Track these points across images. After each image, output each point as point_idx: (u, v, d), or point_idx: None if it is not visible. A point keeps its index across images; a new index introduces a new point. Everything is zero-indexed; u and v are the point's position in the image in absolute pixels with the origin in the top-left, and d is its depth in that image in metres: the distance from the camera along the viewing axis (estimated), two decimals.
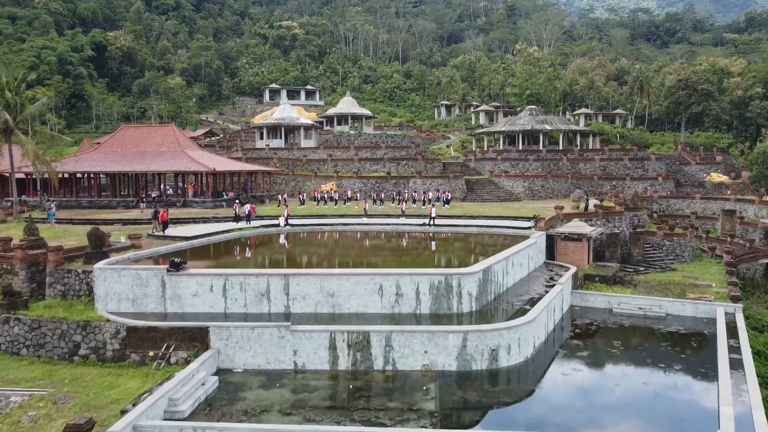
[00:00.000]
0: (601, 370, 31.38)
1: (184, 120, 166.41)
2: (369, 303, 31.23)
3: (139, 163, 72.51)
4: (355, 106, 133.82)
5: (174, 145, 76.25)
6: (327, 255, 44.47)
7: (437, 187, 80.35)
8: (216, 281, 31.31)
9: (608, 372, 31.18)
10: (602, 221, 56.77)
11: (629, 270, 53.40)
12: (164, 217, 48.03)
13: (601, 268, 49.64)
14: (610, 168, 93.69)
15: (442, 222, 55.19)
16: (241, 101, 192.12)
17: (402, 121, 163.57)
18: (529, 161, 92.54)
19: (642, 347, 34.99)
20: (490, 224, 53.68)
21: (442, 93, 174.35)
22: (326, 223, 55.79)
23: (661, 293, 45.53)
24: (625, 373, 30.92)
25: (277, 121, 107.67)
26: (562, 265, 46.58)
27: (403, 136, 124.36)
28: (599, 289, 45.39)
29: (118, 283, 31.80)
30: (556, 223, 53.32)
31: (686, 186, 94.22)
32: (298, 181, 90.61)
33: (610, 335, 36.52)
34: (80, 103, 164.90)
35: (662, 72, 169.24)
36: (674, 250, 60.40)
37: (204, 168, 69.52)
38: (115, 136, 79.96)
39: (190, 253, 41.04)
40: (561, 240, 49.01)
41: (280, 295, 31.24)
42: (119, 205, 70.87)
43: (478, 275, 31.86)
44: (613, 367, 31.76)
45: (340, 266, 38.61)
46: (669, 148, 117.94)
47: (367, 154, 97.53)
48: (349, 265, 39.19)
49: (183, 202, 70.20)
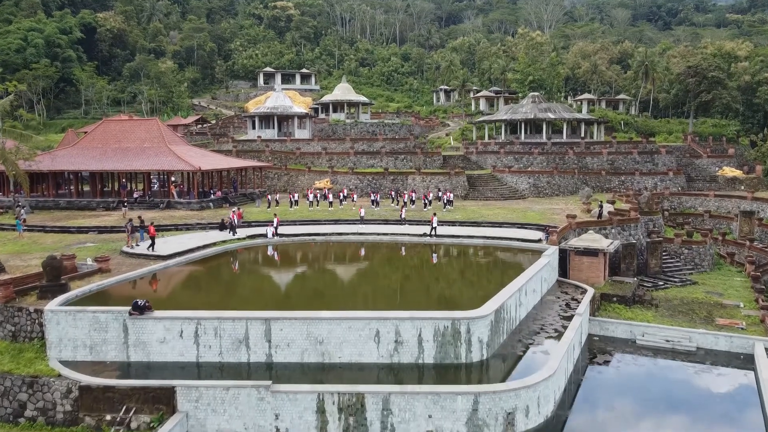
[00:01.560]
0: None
1: (175, 105, 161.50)
2: (364, 351, 27.01)
3: (121, 160, 67.92)
4: (351, 92, 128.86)
5: (158, 140, 71.66)
6: (316, 278, 39.64)
7: (437, 185, 75.98)
8: (186, 326, 27.04)
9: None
10: (617, 230, 52.49)
11: (647, 285, 49.28)
12: (152, 233, 43.41)
13: (618, 285, 45.44)
14: (618, 162, 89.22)
15: (444, 231, 50.79)
16: (234, 85, 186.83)
17: (400, 107, 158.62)
18: (533, 155, 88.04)
19: (673, 397, 30.87)
20: (497, 235, 49.23)
21: (441, 77, 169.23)
22: (318, 233, 51.23)
23: (686, 316, 41.50)
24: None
25: (270, 110, 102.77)
26: (577, 285, 42.34)
27: (401, 125, 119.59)
28: (618, 312, 41.26)
29: (73, 327, 27.49)
30: (568, 233, 49.06)
31: (698, 181, 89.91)
32: (291, 176, 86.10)
33: (635, 382, 32.42)
34: (69, 88, 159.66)
35: (666, 55, 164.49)
36: (693, 259, 56.27)
37: (189, 167, 64.97)
38: (96, 130, 75.28)
39: (163, 278, 36.75)
40: (575, 255, 44.77)
41: (261, 342, 27.00)
42: (99, 206, 66.41)
43: (489, 318, 27.61)
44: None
45: (330, 296, 34.42)
46: (677, 137, 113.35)
47: (363, 147, 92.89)
48: (340, 294, 34.99)
49: (167, 204, 65.69)
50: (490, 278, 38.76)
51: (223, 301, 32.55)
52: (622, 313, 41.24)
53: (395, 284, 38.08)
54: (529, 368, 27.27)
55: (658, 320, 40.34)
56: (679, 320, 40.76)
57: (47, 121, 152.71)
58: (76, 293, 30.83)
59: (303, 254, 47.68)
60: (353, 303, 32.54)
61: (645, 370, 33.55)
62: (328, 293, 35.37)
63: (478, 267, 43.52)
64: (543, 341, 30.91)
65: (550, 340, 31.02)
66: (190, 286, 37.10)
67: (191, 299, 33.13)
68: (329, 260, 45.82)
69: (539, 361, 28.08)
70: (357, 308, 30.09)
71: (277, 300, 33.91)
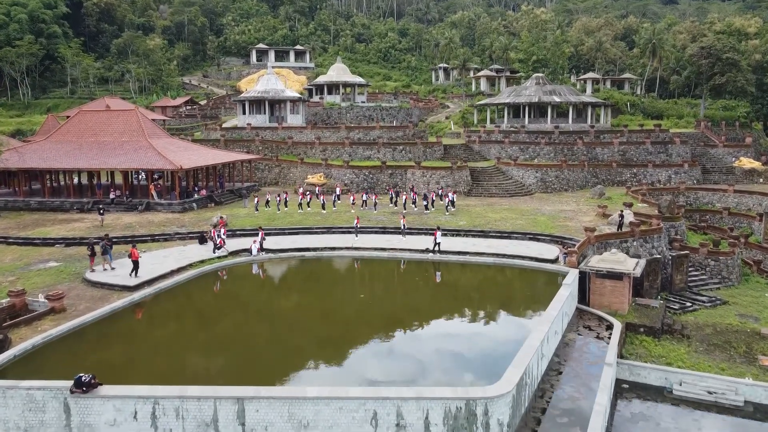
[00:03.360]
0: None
1: (165, 84, 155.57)
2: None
3: (96, 157, 62.63)
4: (347, 73, 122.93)
5: (137, 133, 66.33)
6: (300, 317, 33.69)
7: (438, 180, 70.86)
8: (141, 406, 22.09)
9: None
10: (640, 242, 47.54)
11: (674, 307, 44.48)
12: (135, 256, 37.77)
13: (644, 311, 40.57)
14: (630, 153, 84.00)
15: (449, 245, 45.73)
16: (226, 62, 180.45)
17: (397, 86, 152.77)
18: (540, 145, 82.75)
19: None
20: (508, 252, 44.15)
21: (440, 54, 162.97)
22: (309, 248, 45.98)
23: (724, 352, 36.86)
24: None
25: (261, 95, 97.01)
26: (600, 316, 37.41)
27: (399, 108, 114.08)
28: (646, 346, 36.48)
29: (2, 407, 22.58)
30: (587, 249, 44.13)
31: (713, 172, 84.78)
32: (282, 168, 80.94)
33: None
34: (54, 66, 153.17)
35: (672, 31, 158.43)
36: (720, 272, 51.46)
37: (170, 165, 59.73)
38: (71, 121, 69.74)
39: (124, 321, 31.68)
40: (596, 277, 39.85)
41: (233, 426, 22.08)
42: (73, 207, 61.35)
43: (511, 394, 22.72)
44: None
45: (313, 346, 29.41)
46: (688, 122, 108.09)
47: (359, 136, 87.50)
48: (326, 343, 29.97)
49: (146, 205, 60.54)
50: (506, 320, 33.72)
51: (191, 357, 27.57)
52: (652, 348, 36.45)
53: (392, 329, 32.64)
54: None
55: (693, 359, 35.60)
56: (716, 358, 36.06)
57: (32, 101, 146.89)
58: (15, 353, 25.83)
59: (289, 279, 42.23)
60: (341, 356, 27.65)
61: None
62: (309, 343, 30.10)
63: (489, 300, 37.90)
64: (570, 404, 26.13)
65: (579, 401, 26.27)
66: (153, 336, 30.85)
67: (152, 358, 27.98)
68: (318, 288, 39.77)
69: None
70: (346, 365, 25.21)
71: (255, 351, 28.78)
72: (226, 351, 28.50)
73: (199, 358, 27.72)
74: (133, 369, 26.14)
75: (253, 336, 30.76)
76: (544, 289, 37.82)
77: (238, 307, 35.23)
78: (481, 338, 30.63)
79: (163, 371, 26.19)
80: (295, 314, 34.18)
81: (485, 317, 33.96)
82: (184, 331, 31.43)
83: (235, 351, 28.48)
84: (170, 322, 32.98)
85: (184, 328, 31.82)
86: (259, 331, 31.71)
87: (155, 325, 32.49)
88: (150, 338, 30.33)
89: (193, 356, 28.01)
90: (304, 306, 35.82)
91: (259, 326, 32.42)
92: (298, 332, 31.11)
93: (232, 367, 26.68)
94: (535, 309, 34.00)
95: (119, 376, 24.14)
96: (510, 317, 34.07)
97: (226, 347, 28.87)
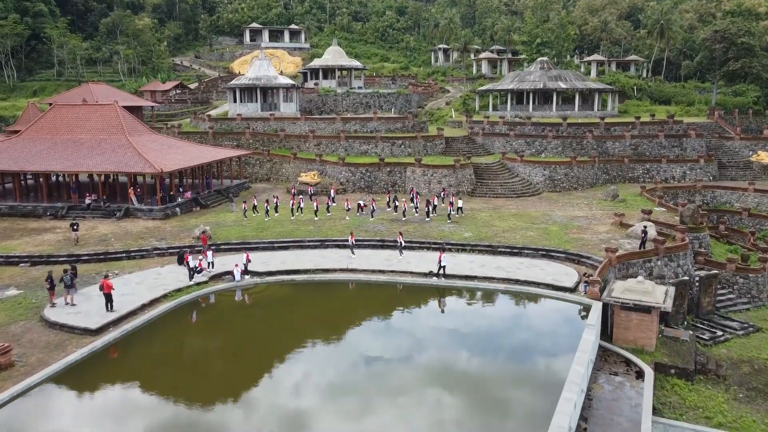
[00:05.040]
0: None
1: (155, 65, 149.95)
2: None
3: (71, 157, 57.94)
4: (343, 56, 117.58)
5: (116, 129, 61.63)
6: (279, 381, 29.21)
7: (440, 180, 66.30)
8: None
9: None
10: (664, 261, 43.18)
11: (704, 337, 40.19)
12: (107, 288, 33.25)
13: (673, 346, 36.17)
14: (642, 147, 79.33)
15: (454, 265, 41.31)
16: (219, 42, 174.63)
17: (395, 68, 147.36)
18: (547, 138, 77.97)
19: None
20: (520, 277, 39.59)
21: (440, 35, 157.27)
22: (299, 270, 41.34)
23: (767, 399, 32.62)
24: None
25: (252, 82, 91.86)
26: (627, 359, 33.09)
27: (398, 94, 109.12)
28: (680, 392, 32.07)
29: None
30: (608, 273, 39.76)
31: (730, 168, 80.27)
32: (274, 163, 76.30)
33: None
34: (41, 46, 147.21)
35: (678, 10, 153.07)
36: (749, 290, 47.15)
37: (150, 168, 55.04)
38: (46, 117, 64.75)
39: (83, 373, 27.22)
40: (620, 309, 35.48)
41: None
42: (47, 213, 56.79)
43: None
44: None
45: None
46: (700, 110, 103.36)
47: (356, 127, 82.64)
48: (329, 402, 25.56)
49: (125, 211, 55.92)
50: (522, 378, 29.13)
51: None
52: (686, 395, 32.14)
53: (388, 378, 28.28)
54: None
55: (734, 409, 31.37)
56: (759, 408, 31.85)
57: (18, 84, 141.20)
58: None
59: (276, 314, 36.64)
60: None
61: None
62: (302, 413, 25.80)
63: (500, 347, 32.15)
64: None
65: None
66: (111, 403, 25.39)
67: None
68: (306, 327, 34.18)
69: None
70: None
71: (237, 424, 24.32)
72: (193, 418, 24.04)
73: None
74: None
75: (233, 406, 25.77)
76: (564, 329, 33.61)
77: (218, 356, 30.32)
78: (491, 409, 26.20)
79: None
80: (283, 369, 29.56)
81: (495, 376, 29.23)
82: (148, 399, 25.83)
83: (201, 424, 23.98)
84: (134, 380, 27.41)
85: (150, 388, 26.74)
86: (241, 391, 26.89)
87: (115, 386, 26.82)
88: (108, 406, 25.39)
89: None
90: (284, 353, 30.65)
91: (241, 384, 27.51)
92: (286, 394, 26.62)
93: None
94: (555, 360, 29.67)
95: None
96: (526, 373, 29.49)
97: (191, 418, 24.34)
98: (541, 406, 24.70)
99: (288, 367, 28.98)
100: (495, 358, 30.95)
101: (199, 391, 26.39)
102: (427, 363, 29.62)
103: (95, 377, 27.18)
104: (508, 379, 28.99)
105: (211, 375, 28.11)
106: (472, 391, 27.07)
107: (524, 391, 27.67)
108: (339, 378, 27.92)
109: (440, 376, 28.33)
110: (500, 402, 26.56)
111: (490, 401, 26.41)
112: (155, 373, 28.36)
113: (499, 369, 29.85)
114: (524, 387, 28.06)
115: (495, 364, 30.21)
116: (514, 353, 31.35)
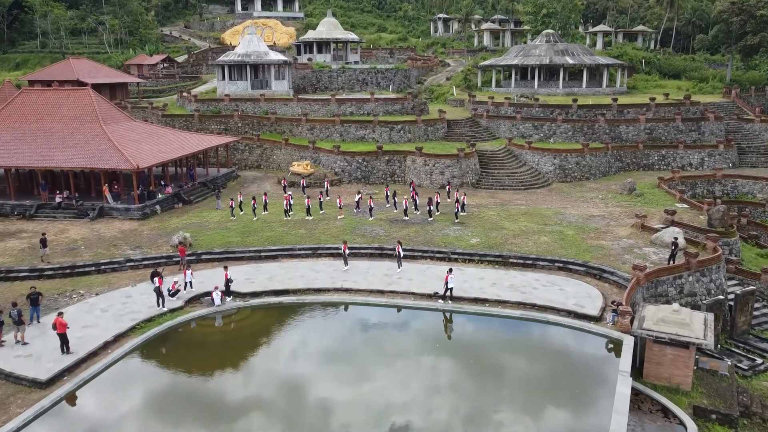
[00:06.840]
0: None
1: (143, 36, 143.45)
2: None
3: (40, 150, 52.89)
4: (338, 28, 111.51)
5: (90, 117, 56.47)
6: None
7: (442, 170, 61.48)
8: None
9: None
10: (696, 276, 38.69)
11: (743, 367, 35.82)
12: (61, 328, 28.27)
13: (711, 383, 31.77)
14: (658, 131, 74.28)
15: (462, 282, 36.70)
16: (209, 11, 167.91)
17: (393, 40, 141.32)
18: (556, 122, 72.84)
19: None
20: (537, 301, 34.80)
21: (440, 3, 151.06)
22: (288, 290, 36.69)
23: None
24: None
25: (242, 59, 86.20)
26: (664, 405, 28.68)
27: (396, 69, 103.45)
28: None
29: None
30: (635, 293, 35.27)
31: (750, 153, 75.46)
32: (264, 149, 71.34)
33: None
34: (24, 16, 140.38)
35: None
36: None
37: (125, 163, 50.08)
38: (13, 103, 59.34)
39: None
40: (654, 343, 31.05)
41: None
42: (14, 212, 52.03)
43: None
44: None
45: None
46: (714, 87, 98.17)
47: (352, 109, 77.43)
48: None
49: (99, 211, 51.09)
50: None
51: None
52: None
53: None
54: None
55: None
56: None
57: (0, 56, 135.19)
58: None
59: (257, 354, 30.32)
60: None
61: None
62: None
63: (515, 398, 27.18)
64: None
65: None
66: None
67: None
68: (297, 358, 30.09)
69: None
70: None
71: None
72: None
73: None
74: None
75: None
76: (592, 371, 29.12)
77: (186, 413, 25.87)
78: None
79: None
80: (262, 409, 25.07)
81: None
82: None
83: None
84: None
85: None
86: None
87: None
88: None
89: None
90: (266, 409, 26.54)
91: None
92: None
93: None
94: (582, 417, 25.26)
95: None
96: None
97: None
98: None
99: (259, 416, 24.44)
100: (507, 409, 26.30)
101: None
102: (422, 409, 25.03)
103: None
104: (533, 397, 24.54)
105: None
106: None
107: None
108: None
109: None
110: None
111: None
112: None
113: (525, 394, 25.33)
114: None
115: (507, 419, 25.63)
116: (530, 406, 26.60)
